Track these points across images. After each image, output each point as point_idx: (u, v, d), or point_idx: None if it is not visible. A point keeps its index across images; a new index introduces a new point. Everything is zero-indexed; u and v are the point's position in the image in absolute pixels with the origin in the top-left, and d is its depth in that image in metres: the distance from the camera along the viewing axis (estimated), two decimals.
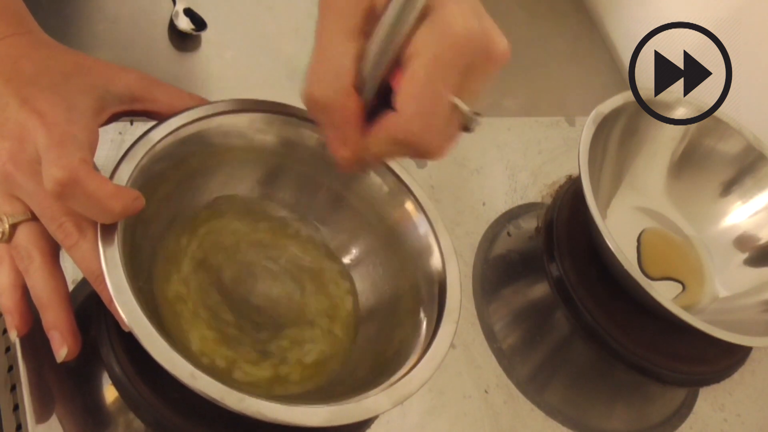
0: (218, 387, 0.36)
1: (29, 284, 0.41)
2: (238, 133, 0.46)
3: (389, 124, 0.37)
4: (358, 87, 0.37)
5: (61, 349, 0.40)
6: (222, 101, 0.46)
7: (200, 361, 0.43)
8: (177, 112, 0.44)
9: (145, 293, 0.42)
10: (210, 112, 0.45)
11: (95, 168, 0.39)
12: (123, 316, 0.36)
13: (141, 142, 0.42)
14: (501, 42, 0.37)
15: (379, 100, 0.38)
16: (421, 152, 0.38)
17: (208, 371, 0.36)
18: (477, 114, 0.38)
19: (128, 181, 0.40)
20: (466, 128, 0.38)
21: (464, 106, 0.37)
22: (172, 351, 0.36)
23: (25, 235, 0.41)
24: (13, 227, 0.41)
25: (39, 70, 0.41)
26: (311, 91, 0.37)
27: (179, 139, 0.44)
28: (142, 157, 0.42)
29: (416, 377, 0.40)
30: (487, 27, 0.37)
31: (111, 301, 0.37)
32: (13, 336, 0.42)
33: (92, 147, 0.40)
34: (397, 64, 0.37)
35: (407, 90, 0.36)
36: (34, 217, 0.41)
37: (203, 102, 0.46)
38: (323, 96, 0.37)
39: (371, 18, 0.36)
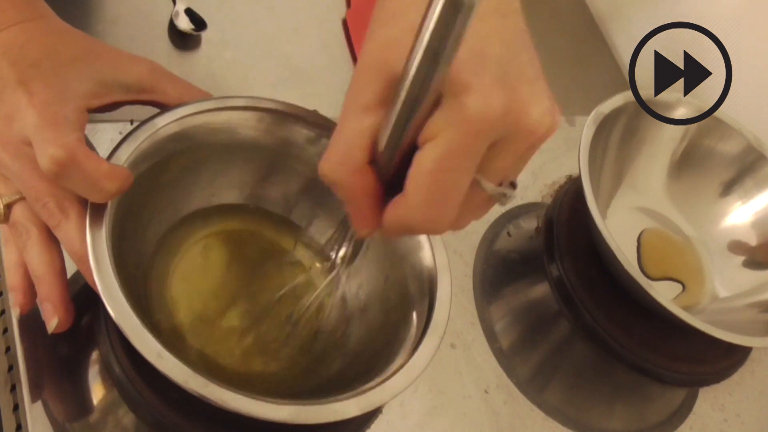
0: (183, 370, 0.35)
1: (26, 260, 0.41)
2: (239, 129, 0.47)
3: (397, 207, 0.34)
4: (376, 160, 0.34)
5: (52, 320, 0.41)
6: (227, 97, 0.46)
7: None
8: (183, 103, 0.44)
9: (137, 278, 0.42)
10: (214, 107, 0.45)
11: (90, 147, 0.39)
12: (101, 294, 0.36)
13: (143, 128, 0.42)
14: (535, 112, 0.33)
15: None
16: (431, 233, 0.36)
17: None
18: (508, 188, 0.35)
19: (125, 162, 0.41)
20: (499, 202, 0.36)
21: (488, 185, 0.34)
22: (144, 330, 0.36)
23: (20, 213, 0.41)
24: (8, 207, 0.41)
25: (44, 55, 0.41)
26: (322, 169, 0.35)
27: (180, 130, 0.44)
28: (142, 141, 0.42)
29: (389, 388, 0.39)
30: (519, 97, 0.33)
31: (95, 283, 0.37)
32: (16, 313, 0.42)
33: (82, 127, 0.40)
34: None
35: (415, 179, 0.33)
36: None
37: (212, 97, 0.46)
38: (332, 174, 0.34)
39: (393, 88, 0.32)
